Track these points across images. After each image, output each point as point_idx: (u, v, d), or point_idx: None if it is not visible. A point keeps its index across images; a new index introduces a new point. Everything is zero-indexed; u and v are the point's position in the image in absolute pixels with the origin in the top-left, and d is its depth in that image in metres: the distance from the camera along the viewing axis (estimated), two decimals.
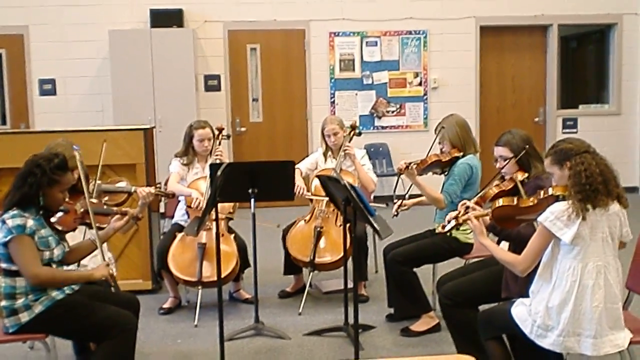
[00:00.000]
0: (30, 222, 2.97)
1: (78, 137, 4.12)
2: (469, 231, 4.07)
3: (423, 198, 4.23)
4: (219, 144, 4.83)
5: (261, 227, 4.20)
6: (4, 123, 8.41)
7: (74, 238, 3.49)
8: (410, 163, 4.06)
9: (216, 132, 4.83)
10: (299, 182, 4.77)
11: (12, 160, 3.34)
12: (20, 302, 3.01)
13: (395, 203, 4.25)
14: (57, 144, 3.62)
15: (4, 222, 2.95)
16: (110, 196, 3.76)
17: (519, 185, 3.20)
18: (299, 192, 4.73)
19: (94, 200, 3.51)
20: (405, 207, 4.24)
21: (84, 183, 3.22)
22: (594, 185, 2.71)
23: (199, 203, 4.51)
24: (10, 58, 8.29)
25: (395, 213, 4.19)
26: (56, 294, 3.07)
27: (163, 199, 4.14)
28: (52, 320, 3.04)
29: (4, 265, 3.02)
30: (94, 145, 4.11)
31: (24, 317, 3.01)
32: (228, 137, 5.03)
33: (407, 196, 4.24)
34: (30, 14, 8.10)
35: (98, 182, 3.76)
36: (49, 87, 8.24)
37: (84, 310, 3.08)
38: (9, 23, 8.10)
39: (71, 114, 8.12)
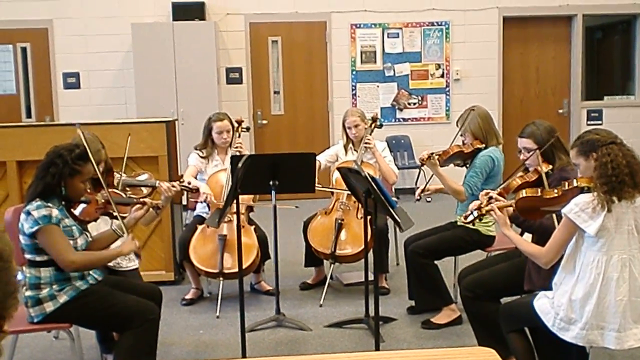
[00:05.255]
0: (55, 212, 3.00)
1: (102, 130, 4.15)
2: (490, 223, 4.04)
3: None
4: (239, 136, 4.84)
5: (285, 215, 4.18)
6: (29, 116, 8.52)
7: (98, 229, 3.53)
8: (432, 153, 4.04)
9: (235, 125, 4.84)
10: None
11: (38, 153, 3.39)
12: (45, 292, 3.04)
13: (418, 188, 4.23)
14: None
15: (29, 213, 2.99)
16: (134, 190, 3.79)
17: (543, 176, 3.16)
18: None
19: (116, 191, 3.54)
20: (428, 192, 4.20)
21: (98, 171, 3.22)
22: (620, 177, 2.67)
23: (206, 197, 4.52)
24: (35, 52, 8.39)
25: (418, 197, 4.16)
26: (80, 284, 3.11)
27: (187, 193, 4.16)
28: (76, 310, 3.07)
29: (28, 256, 3.06)
30: (117, 138, 4.14)
31: (49, 307, 3.05)
32: (247, 129, 5.04)
33: (429, 182, 4.20)
34: (54, 8, 8.19)
35: (123, 175, 3.79)
36: (73, 81, 8.33)
37: (108, 300, 3.12)
38: (33, 17, 8.19)
39: (95, 107, 8.20)
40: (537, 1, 8.54)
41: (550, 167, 3.31)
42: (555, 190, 2.94)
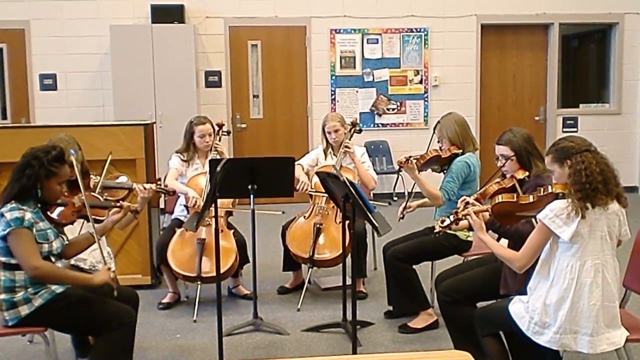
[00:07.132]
0: (28, 215, 2.97)
1: (79, 132, 4.12)
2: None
3: (426, 200, 4.24)
4: (219, 139, 4.84)
5: (263, 219, 4.20)
6: (5, 117, 8.42)
7: (73, 232, 3.50)
8: (410, 157, 4.09)
9: (216, 128, 4.84)
10: (302, 177, 4.78)
11: (13, 155, 3.36)
12: (20, 295, 3.01)
13: (400, 205, 4.26)
14: (59, 139, 3.61)
15: (2, 215, 2.95)
16: (110, 192, 3.76)
17: (516, 184, 3.22)
18: (302, 188, 4.74)
19: (93, 194, 3.52)
20: (410, 209, 4.25)
21: (79, 179, 3.20)
22: (593, 184, 2.72)
23: (196, 202, 4.51)
24: (12, 53, 8.29)
25: (401, 216, 4.19)
26: (56, 287, 3.07)
27: (163, 195, 4.15)
28: (52, 314, 3.05)
29: (3, 259, 3.02)
30: (94, 140, 4.12)
31: (24, 310, 3.01)
32: (228, 133, 5.04)
33: (410, 198, 4.23)
34: (31, 9, 8.10)
35: (99, 177, 3.76)
36: (49, 82, 8.25)
37: (84, 304, 3.09)
38: (10, 17, 8.10)
39: (72, 109, 8.13)
40: (515, 9, 8.64)
41: (527, 173, 3.36)
42: (531, 196, 2.99)
